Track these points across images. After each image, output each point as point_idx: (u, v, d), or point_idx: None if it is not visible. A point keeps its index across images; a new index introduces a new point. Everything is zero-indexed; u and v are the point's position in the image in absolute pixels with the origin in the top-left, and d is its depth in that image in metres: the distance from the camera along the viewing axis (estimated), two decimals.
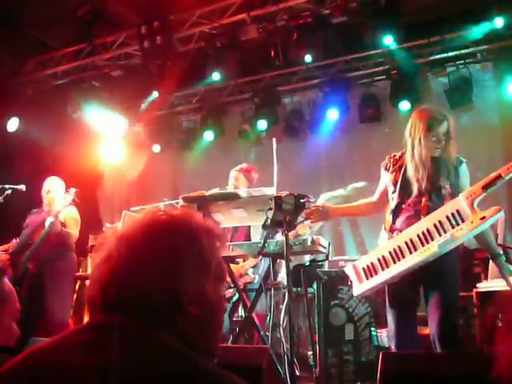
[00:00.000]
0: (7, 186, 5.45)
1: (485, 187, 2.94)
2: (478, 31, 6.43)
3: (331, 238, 7.70)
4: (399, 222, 3.25)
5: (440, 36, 6.75)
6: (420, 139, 3.21)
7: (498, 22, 5.97)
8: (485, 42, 6.69)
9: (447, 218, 2.97)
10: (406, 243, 3.04)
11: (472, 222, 2.89)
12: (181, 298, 1.15)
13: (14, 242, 5.43)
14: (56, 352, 1.06)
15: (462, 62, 6.97)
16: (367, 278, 3.19)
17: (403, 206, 3.25)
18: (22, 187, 5.49)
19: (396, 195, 3.29)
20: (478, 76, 6.95)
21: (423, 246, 2.98)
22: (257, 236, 4.69)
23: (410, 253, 3.02)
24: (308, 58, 6.39)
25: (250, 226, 4.93)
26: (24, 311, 4.93)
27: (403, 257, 3.04)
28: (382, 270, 3.11)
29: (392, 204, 3.31)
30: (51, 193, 5.45)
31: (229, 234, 5.20)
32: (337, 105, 7.43)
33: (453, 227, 2.93)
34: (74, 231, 5.36)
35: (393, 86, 7.17)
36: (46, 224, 5.08)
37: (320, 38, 6.30)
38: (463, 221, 2.92)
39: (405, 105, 6.99)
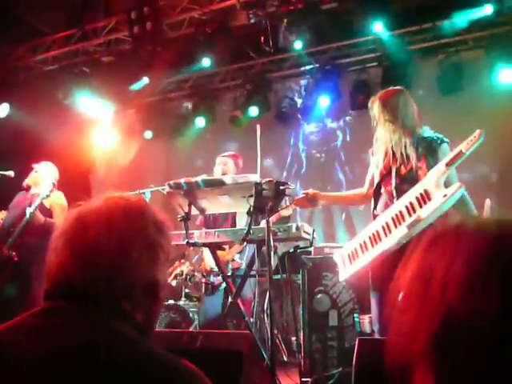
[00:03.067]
0: None
1: (448, 164, 2.94)
2: (469, 18, 6.41)
3: (322, 225, 7.76)
4: (379, 206, 3.28)
5: (431, 23, 6.73)
6: (378, 126, 3.30)
7: (488, 9, 5.96)
8: (476, 29, 6.67)
9: (416, 198, 2.99)
10: (382, 227, 3.08)
11: (434, 201, 2.90)
12: (157, 285, 1.21)
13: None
14: (6, 335, 1.08)
15: (453, 49, 6.95)
16: (350, 263, 3.23)
17: (381, 190, 3.29)
18: (11, 173, 5.46)
19: (377, 179, 3.33)
20: (469, 63, 6.93)
21: (396, 228, 3.01)
22: (242, 222, 4.71)
23: (386, 235, 3.05)
24: (298, 45, 6.37)
25: (235, 213, 4.94)
26: (10, 298, 4.94)
27: (380, 240, 3.07)
28: (363, 253, 3.14)
29: (374, 188, 3.35)
30: (37, 173, 5.39)
31: (218, 220, 5.22)
32: (328, 91, 7.42)
33: (421, 207, 2.94)
34: (59, 219, 5.19)
35: (384, 73, 7.14)
36: (27, 214, 5.00)
37: (310, 25, 6.28)
38: (430, 200, 2.93)
39: None
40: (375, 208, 3.31)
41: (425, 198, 2.95)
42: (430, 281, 0.76)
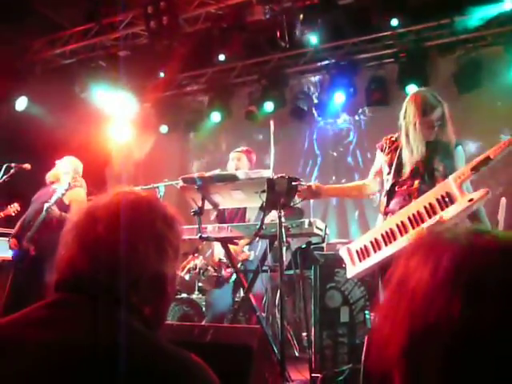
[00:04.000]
0: (13, 165, 5.48)
1: (473, 169, 2.91)
2: (488, 14, 6.34)
3: (336, 221, 7.74)
4: (393, 204, 3.25)
5: (449, 19, 6.66)
6: (415, 124, 3.19)
7: (507, 5, 5.88)
8: (495, 25, 6.58)
9: (437, 200, 2.95)
10: (398, 225, 3.04)
11: (460, 204, 2.87)
12: (165, 280, 1.22)
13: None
14: (15, 326, 1.10)
15: (471, 45, 6.88)
16: (360, 261, 3.21)
17: (397, 188, 3.25)
18: (27, 166, 5.53)
19: (390, 177, 3.29)
20: (487, 60, 6.85)
21: (413, 228, 2.97)
22: (252, 217, 4.72)
23: (401, 235, 3.01)
24: (314, 40, 6.35)
25: (245, 208, 4.95)
26: (27, 292, 4.99)
27: (394, 239, 3.03)
28: (375, 252, 3.12)
29: (386, 186, 3.32)
30: (57, 168, 5.45)
31: (230, 215, 5.23)
32: (344, 87, 7.39)
33: (442, 209, 2.91)
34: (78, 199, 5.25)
35: (401, 69, 7.10)
36: (44, 209, 5.07)
37: (327, 20, 6.25)
38: (452, 203, 2.90)
39: (412, 88, 6.89)
40: (388, 205, 3.28)
41: (447, 200, 2.91)
42: (404, 290, 0.77)
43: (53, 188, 5.41)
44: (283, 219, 3.41)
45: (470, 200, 2.83)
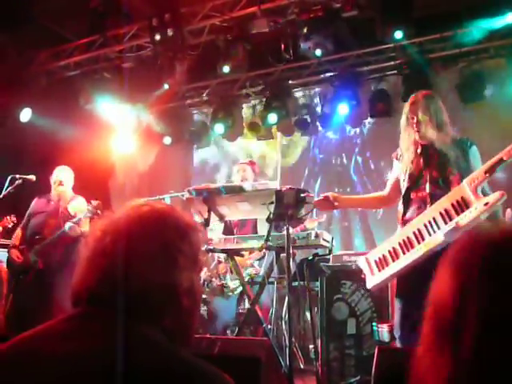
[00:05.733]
0: (17, 176, 5.49)
1: (487, 171, 2.87)
2: (490, 27, 6.36)
3: (340, 233, 7.74)
4: (409, 212, 3.21)
5: (452, 31, 6.69)
6: (404, 129, 3.24)
7: (510, 18, 5.91)
8: (498, 37, 6.61)
9: (452, 205, 2.91)
10: (414, 233, 3.00)
11: (476, 209, 2.83)
12: (177, 291, 1.20)
13: (18, 230, 5.45)
14: (40, 340, 1.10)
15: (474, 57, 6.91)
16: (379, 270, 3.15)
17: (412, 196, 3.23)
18: (32, 177, 5.54)
19: (405, 184, 3.28)
20: (490, 72, 6.87)
21: (430, 235, 2.94)
22: (263, 229, 4.71)
23: (418, 243, 2.98)
24: (318, 52, 6.38)
25: (256, 219, 4.96)
26: (32, 304, 4.98)
27: (412, 247, 3.00)
28: (393, 261, 3.08)
29: (403, 194, 3.31)
30: (63, 185, 5.44)
31: (236, 227, 5.24)
32: (347, 99, 7.41)
33: (458, 214, 2.87)
34: (87, 228, 5.31)
35: (404, 81, 7.12)
36: (66, 227, 5.08)
37: (331, 32, 6.28)
38: (468, 207, 2.86)
39: None
40: (405, 214, 3.25)
41: (462, 205, 2.88)
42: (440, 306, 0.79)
43: (56, 201, 5.40)
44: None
45: (486, 204, 2.80)
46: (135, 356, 1.04)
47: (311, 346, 4.80)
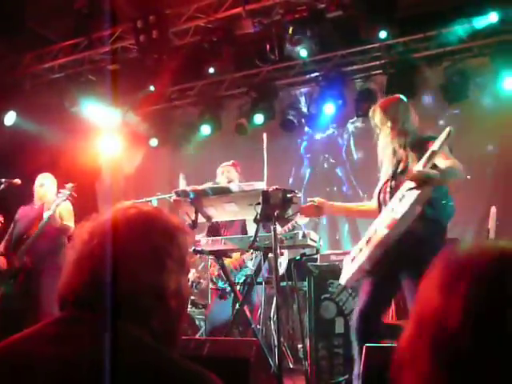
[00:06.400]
0: (3, 180, 5.45)
1: (424, 165, 2.94)
2: (474, 26, 6.43)
3: (328, 233, 7.76)
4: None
5: (436, 30, 6.75)
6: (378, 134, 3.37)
7: (493, 17, 5.98)
8: (481, 36, 6.67)
9: (399, 200, 3.04)
10: (374, 230, 3.13)
11: (404, 197, 3.01)
12: (165, 294, 1.20)
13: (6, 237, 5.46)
14: (29, 342, 1.10)
15: (458, 56, 6.97)
16: (349, 266, 3.26)
17: (381, 197, 3.33)
18: (17, 181, 5.50)
19: (379, 187, 3.37)
20: (474, 71, 6.94)
21: (376, 230, 3.10)
22: (252, 229, 4.71)
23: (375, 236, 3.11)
24: (303, 53, 6.40)
25: (245, 220, 4.96)
26: (20, 305, 4.98)
27: (369, 242, 3.12)
28: (358, 258, 3.19)
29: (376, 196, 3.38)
30: (44, 187, 5.47)
31: (223, 228, 5.23)
32: (333, 99, 7.44)
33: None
34: (71, 223, 5.37)
35: (389, 81, 7.16)
36: (44, 217, 5.09)
37: (316, 33, 6.30)
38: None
39: None
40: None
41: (402, 199, 3.02)
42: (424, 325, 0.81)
43: (39, 204, 5.40)
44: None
45: (410, 189, 2.95)
46: (124, 358, 1.04)
47: (300, 346, 4.81)
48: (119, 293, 1.14)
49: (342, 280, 3.30)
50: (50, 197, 5.38)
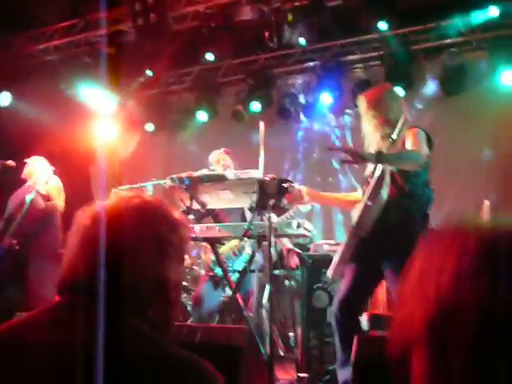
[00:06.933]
0: None
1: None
2: (473, 19, 6.41)
3: (322, 223, 7.77)
4: None
5: (436, 23, 6.72)
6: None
7: (493, 11, 5.96)
8: (481, 30, 6.66)
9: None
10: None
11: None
12: (166, 285, 1.22)
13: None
14: (26, 328, 1.10)
15: (456, 49, 6.95)
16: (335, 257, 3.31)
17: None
18: (12, 163, 5.47)
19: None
20: (472, 64, 6.93)
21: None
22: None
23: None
24: (302, 41, 6.37)
25: (243, 208, 4.93)
26: (9, 287, 4.99)
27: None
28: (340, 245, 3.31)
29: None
30: (31, 166, 5.48)
31: (222, 214, 5.20)
32: (331, 89, 7.42)
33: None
34: (60, 201, 5.36)
35: (387, 72, 7.14)
36: (27, 200, 5.06)
37: (315, 21, 6.27)
38: None
39: (398, 91, 6.96)
40: None
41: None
42: (427, 275, 0.80)
43: (28, 184, 5.40)
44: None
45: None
46: (121, 346, 1.04)
47: (291, 334, 4.83)
48: (121, 281, 1.14)
49: (329, 272, 3.34)
50: (36, 179, 5.37)
